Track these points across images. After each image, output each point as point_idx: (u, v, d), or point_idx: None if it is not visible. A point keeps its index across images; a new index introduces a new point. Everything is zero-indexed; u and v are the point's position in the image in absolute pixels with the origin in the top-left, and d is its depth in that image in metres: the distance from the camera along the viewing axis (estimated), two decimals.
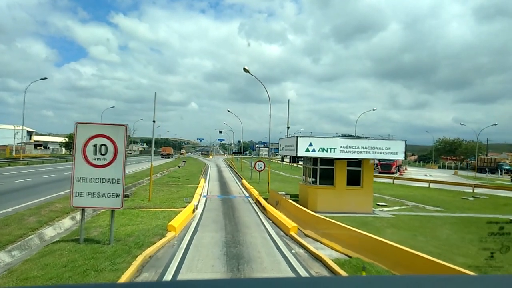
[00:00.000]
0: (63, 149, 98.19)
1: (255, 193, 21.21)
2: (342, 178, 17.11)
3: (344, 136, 18.34)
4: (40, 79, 40.94)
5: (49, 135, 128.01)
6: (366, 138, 16.64)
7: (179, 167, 53.62)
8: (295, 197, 22.73)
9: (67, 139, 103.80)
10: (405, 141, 16.61)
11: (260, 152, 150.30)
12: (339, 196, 16.98)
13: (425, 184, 35.00)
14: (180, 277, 7.74)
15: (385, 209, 19.03)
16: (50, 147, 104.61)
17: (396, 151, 16.39)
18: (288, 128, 21.05)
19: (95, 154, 9.62)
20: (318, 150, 16.08)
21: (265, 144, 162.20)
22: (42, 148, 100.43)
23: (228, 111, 49.33)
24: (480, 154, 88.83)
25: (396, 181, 36.78)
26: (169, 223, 11.66)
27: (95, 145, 9.64)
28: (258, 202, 19.08)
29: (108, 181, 9.63)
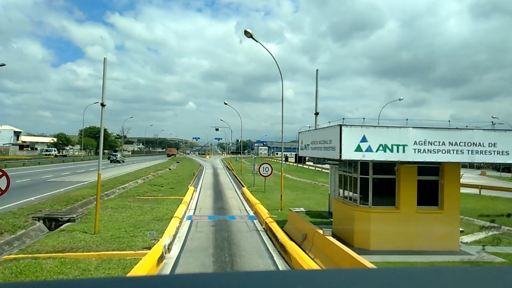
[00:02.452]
0: (52, 149, 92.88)
1: (264, 212, 14.47)
2: (411, 194, 10.44)
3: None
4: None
5: (40, 136, 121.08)
6: (456, 128, 9.92)
7: (169, 169, 46.89)
8: (315, 214, 16.04)
9: (55, 139, 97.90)
10: None
11: (260, 151, 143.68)
12: (406, 224, 10.31)
13: (469, 190, 28.36)
14: None
15: (464, 238, 12.37)
16: (38, 148, 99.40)
17: (506, 150, 9.71)
18: (316, 114, 14.15)
19: None
20: (378, 149, 9.34)
21: (264, 143, 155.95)
22: (29, 149, 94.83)
23: (225, 103, 42.60)
24: None
25: None
26: None
27: None
28: (269, 230, 12.36)
29: None
